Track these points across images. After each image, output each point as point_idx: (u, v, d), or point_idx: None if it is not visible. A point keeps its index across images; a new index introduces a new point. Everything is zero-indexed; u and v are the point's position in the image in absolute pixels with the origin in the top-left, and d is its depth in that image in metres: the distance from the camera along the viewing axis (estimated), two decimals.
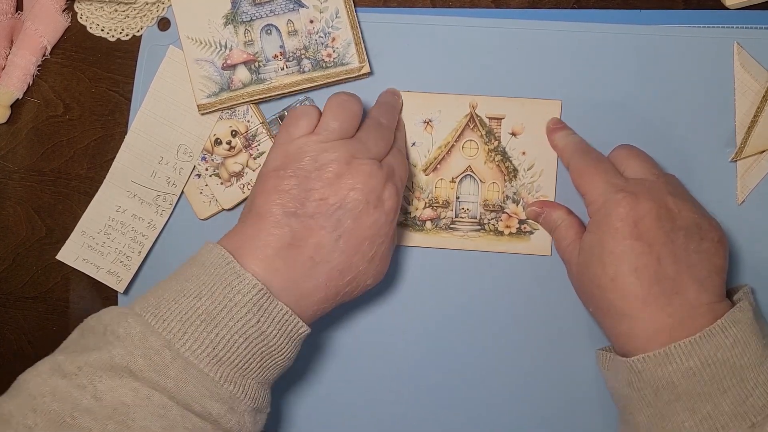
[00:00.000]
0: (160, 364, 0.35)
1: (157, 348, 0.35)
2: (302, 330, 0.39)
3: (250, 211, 0.40)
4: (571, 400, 0.47)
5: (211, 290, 0.37)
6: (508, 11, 0.49)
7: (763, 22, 0.47)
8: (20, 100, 0.52)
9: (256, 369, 0.38)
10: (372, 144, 0.41)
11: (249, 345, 0.37)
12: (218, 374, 0.36)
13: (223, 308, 0.36)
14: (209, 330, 0.36)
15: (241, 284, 0.37)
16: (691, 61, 0.47)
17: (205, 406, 0.36)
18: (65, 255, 0.50)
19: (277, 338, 0.38)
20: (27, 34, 0.50)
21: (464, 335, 0.48)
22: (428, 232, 0.48)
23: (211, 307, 0.36)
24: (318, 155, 0.40)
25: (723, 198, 0.47)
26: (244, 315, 0.37)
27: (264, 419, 0.40)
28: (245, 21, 0.48)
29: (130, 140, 0.50)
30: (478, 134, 0.48)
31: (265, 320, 0.37)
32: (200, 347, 0.36)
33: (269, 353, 0.38)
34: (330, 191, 0.39)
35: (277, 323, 0.37)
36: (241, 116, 0.49)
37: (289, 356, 0.39)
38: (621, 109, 0.47)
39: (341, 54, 0.48)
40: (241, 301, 0.37)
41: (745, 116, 0.46)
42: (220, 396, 0.36)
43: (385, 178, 0.40)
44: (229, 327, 0.36)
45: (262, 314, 0.37)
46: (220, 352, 0.36)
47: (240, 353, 0.37)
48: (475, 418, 0.48)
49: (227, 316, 0.36)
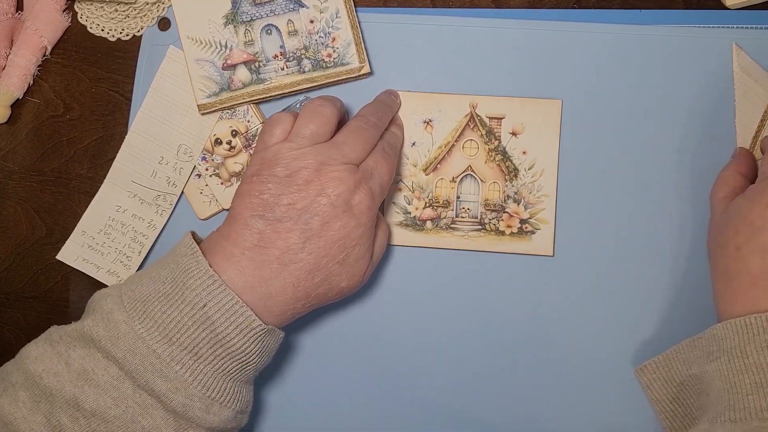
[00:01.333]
0: (115, 336, 0.38)
1: (117, 321, 0.39)
2: (256, 324, 0.39)
3: (229, 213, 0.43)
4: (572, 400, 0.47)
5: (173, 275, 0.40)
6: (508, 11, 0.49)
7: (763, 22, 0.47)
8: (20, 100, 0.52)
9: (210, 357, 0.39)
10: (349, 148, 0.42)
11: (197, 329, 0.38)
12: (166, 353, 0.38)
13: (178, 291, 0.39)
14: (164, 311, 0.39)
15: (196, 270, 0.39)
16: (691, 61, 0.47)
17: (148, 381, 0.38)
18: (65, 255, 0.50)
19: (225, 326, 0.39)
20: (27, 34, 0.51)
21: (464, 336, 0.48)
22: (428, 232, 0.48)
23: (170, 290, 0.39)
24: (290, 162, 0.41)
25: None
26: (193, 299, 0.39)
27: (226, 415, 0.40)
28: (245, 21, 0.48)
29: (130, 140, 0.50)
30: (479, 134, 0.48)
31: (212, 306, 0.39)
32: (153, 325, 0.38)
33: (220, 342, 0.39)
34: (299, 197, 0.40)
35: (226, 311, 0.39)
36: (242, 116, 0.49)
37: (247, 351, 0.40)
38: (621, 109, 0.47)
39: (341, 54, 0.48)
40: (192, 285, 0.39)
41: (745, 117, 0.46)
42: (165, 374, 0.38)
43: (358, 182, 0.41)
44: (180, 309, 0.39)
45: (210, 299, 0.39)
46: (170, 332, 0.38)
47: (189, 336, 0.38)
48: (475, 418, 0.48)
49: (179, 299, 0.39)
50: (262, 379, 0.49)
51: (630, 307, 0.47)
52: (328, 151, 0.42)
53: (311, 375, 0.49)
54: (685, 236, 0.47)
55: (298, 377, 0.49)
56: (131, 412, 0.38)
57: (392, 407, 0.49)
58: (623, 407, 0.47)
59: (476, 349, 0.48)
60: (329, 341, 0.49)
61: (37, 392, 0.38)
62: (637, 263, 0.47)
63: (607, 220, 0.47)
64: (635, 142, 0.47)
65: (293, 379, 0.49)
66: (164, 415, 0.38)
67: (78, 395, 0.38)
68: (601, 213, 0.47)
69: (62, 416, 0.38)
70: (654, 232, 0.47)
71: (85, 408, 0.38)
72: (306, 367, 0.49)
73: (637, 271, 0.47)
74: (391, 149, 0.45)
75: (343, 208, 0.41)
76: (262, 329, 0.40)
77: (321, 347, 0.49)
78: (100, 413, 0.38)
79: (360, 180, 0.41)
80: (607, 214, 0.47)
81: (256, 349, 0.40)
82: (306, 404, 0.49)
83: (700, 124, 0.47)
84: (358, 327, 0.49)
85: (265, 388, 0.49)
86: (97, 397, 0.38)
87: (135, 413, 0.38)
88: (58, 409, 0.38)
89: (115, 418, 0.38)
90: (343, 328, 0.49)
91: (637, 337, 0.47)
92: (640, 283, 0.47)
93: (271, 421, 0.49)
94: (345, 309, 0.49)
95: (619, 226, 0.47)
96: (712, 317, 0.42)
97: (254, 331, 0.39)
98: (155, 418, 0.38)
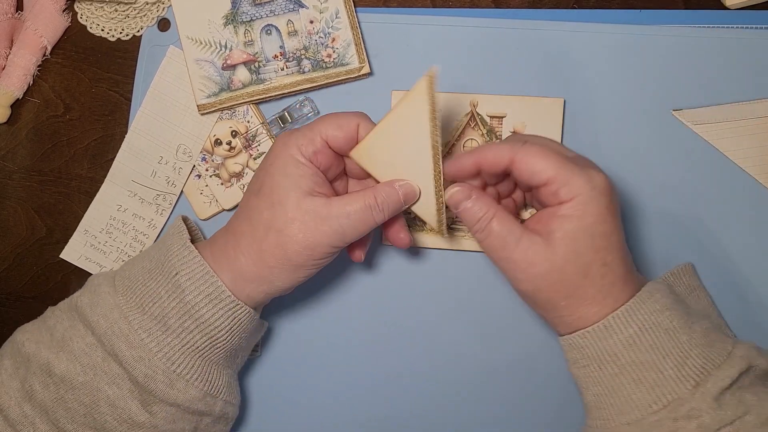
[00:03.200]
0: (95, 303, 0.40)
1: (102, 293, 0.41)
2: (225, 296, 0.40)
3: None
4: (573, 401, 0.47)
5: (158, 253, 0.42)
6: (508, 11, 0.49)
7: (763, 22, 0.47)
8: (20, 100, 0.52)
9: (178, 329, 0.39)
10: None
11: (168, 297, 0.40)
12: (136, 321, 0.39)
13: (159, 266, 0.41)
14: (145, 283, 0.41)
15: (177, 245, 0.41)
16: (691, 60, 0.47)
17: (114, 345, 0.39)
18: (69, 253, 0.50)
19: (194, 295, 0.39)
20: (27, 34, 0.51)
21: (465, 336, 0.48)
22: (428, 233, 0.48)
23: (153, 266, 0.41)
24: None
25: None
26: (169, 269, 0.40)
27: (192, 394, 0.40)
28: (245, 21, 0.48)
29: (130, 140, 0.50)
30: (479, 133, 0.48)
31: (184, 275, 0.40)
32: (133, 296, 0.40)
33: (188, 312, 0.39)
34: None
35: (196, 280, 0.40)
36: (241, 117, 0.49)
37: (216, 324, 0.40)
38: (621, 109, 0.47)
39: (341, 54, 0.48)
40: (171, 258, 0.41)
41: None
42: (130, 341, 0.39)
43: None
44: (157, 280, 0.40)
45: (182, 268, 0.40)
46: (145, 302, 0.40)
47: (161, 305, 0.40)
48: (474, 417, 0.48)
49: (159, 272, 0.41)
50: (252, 376, 0.49)
51: None
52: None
53: (306, 374, 0.49)
54: (686, 236, 0.47)
55: (293, 376, 0.49)
56: (98, 381, 0.39)
57: (392, 407, 0.49)
58: None
59: (475, 349, 0.48)
60: (325, 340, 0.49)
61: (19, 359, 0.41)
62: (638, 264, 0.47)
63: None
64: (634, 141, 0.47)
65: (289, 377, 0.49)
66: (131, 387, 0.39)
67: (52, 360, 0.39)
68: None
69: (35, 382, 0.40)
70: (655, 233, 0.47)
71: (56, 374, 0.39)
72: (301, 366, 0.49)
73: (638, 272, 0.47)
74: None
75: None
76: (231, 301, 0.40)
77: (316, 347, 0.49)
78: (69, 379, 0.39)
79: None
80: None
81: (225, 324, 0.40)
82: (301, 403, 0.49)
83: None
84: (356, 327, 0.49)
85: (259, 386, 0.49)
86: (69, 363, 0.39)
87: (101, 382, 0.39)
88: (32, 374, 0.40)
89: (82, 386, 0.39)
90: (340, 328, 0.49)
91: None
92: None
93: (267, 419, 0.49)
94: (342, 309, 0.49)
95: None
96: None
97: (223, 302, 0.40)
98: (122, 389, 0.39)
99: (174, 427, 0.41)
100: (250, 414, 0.49)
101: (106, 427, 0.39)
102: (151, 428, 0.40)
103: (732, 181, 0.46)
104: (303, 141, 0.40)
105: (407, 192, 0.40)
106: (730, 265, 0.46)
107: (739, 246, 0.46)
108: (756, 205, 0.46)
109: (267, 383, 0.49)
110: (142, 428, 0.40)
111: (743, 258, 0.46)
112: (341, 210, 0.39)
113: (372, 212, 0.39)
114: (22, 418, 0.39)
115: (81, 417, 0.39)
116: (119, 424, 0.39)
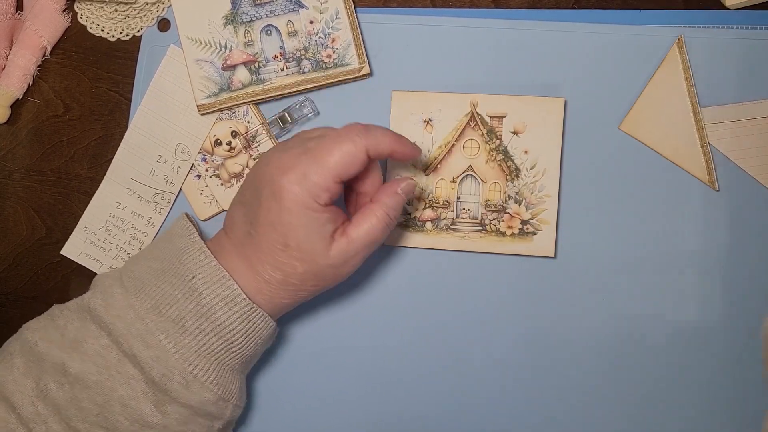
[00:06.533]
0: (110, 304, 0.40)
1: (114, 293, 0.41)
2: (240, 299, 0.40)
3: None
4: (573, 403, 0.47)
5: (169, 254, 0.42)
6: (508, 11, 0.49)
7: (763, 22, 0.47)
8: (20, 100, 0.52)
9: (195, 330, 0.40)
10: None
11: (185, 300, 0.40)
12: (153, 322, 0.40)
13: (172, 268, 0.41)
14: (158, 285, 0.41)
15: (191, 248, 0.41)
16: (691, 60, 0.47)
17: (131, 346, 0.39)
18: (69, 250, 0.51)
19: (211, 298, 0.40)
20: (27, 34, 0.51)
21: (465, 338, 0.48)
22: (428, 233, 0.48)
23: (166, 267, 0.41)
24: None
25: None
26: (184, 272, 0.40)
27: (207, 397, 0.40)
28: (245, 21, 0.48)
29: (129, 137, 0.50)
30: (479, 133, 0.48)
31: (201, 278, 0.40)
32: (146, 297, 0.40)
33: (205, 315, 0.40)
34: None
35: (213, 283, 0.40)
36: (241, 117, 0.49)
37: (232, 328, 0.40)
38: (621, 109, 0.47)
39: (341, 55, 0.48)
40: (185, 260, 0.41)
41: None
42: (147, 341, 0.39)
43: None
44: (171, 283, 0.40)
45: (199, 271, 0.40)
46: (160, 304, 0.40)
47: (178, 308, 0.40)
48: (475, 420, 0.48)
49: (173, 274, 0.41)
50: (258, 378, 0.49)
51: (632, 309, 0.47)
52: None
53: (308, 376, 0.49)
54: (688, 237, 0.47)
55: (295, 377, 0.49)
56: (112, 381, 0.39)
57: (391, 408, 0.48)
58: (623, 408, 0.46)
59: (476, 351, 0.48)
60: (327, 342, 0.49)
61: (31, 358, 0.40)
62: (640, 264, 0.47)
63: (609, 221, 0.47)
64: (637, 142, 0.47)
65: (290, 378, 0.49)
66: (144, 388, 0.39)
67: (66, 360, 0.40)
68: (603, 214, 0.47)
69: (49, 381, 0.40)
70: (657, 234, 0.47)
71: (71, 373, 0.39)
72: (303, 367, 0.49)
73: (640, 273, 0.47)
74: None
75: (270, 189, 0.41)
76: (247, 304, 0.40)
77: (319, 348, 0.49)
78: (83, 379, 0.39)
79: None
80: (609, 215, 0.47)
81: (241, 327, 0.41)
82: (302, 405, 0.49)
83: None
84: (357, 328, 0.49)
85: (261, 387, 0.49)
86: (83, 363, 0.39)
87: (116, 382, 0.39)
88: (46, 374, 0.40)
89: (96, 385, 0.39)
90: (341, 329, 0.49)
91: (638, 340, 0.47)
92: (643, 285, 0.47)
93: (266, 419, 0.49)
94: (344, 310, 0.49)
95: (622, 228, 0.47)
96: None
97: (239, 305, 0.40)
98: (135, 390, 0.39)
99: (185, 429, 0.41)
100: (254, 416, 0.49)
101: (118, 427, 0.40)
102: (162, 428, 0.40)
103: (732, 180, 0.46)
104: (317, 191, 0.39)
105: (408, 191, 0.43)
106: (731, 266, 0.46)
107: (739, 246, 0.46)
108: (756, 205, 0.46)
109: (273, 385, 0.49)
110: (154, 429, 0.40)
111: (743, 258, 0.46)
112: (364, 242, 0.41)
113: (388, 228, 0.42)
114: (35, 416, 0.39)
115: (93, 416, 0.39)
116: (131, 424, 0.40)
